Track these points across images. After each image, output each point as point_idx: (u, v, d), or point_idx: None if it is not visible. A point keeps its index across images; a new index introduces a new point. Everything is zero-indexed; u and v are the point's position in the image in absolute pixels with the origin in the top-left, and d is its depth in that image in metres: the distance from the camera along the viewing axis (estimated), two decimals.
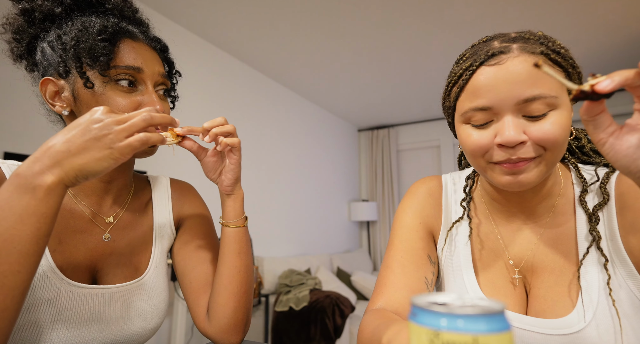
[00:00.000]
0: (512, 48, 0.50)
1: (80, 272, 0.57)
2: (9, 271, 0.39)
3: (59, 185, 0.42)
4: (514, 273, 0.58)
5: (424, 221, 0.66)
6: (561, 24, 2.46)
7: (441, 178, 0.71)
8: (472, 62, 0.52)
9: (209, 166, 0.62)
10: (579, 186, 0.59)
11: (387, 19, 2.40)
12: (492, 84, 0.49)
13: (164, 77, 0.62)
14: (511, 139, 0.48)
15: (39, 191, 0.41)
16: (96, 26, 0.55)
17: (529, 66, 0.48)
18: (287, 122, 3.48)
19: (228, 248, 0.64)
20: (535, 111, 0.48)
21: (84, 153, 0.42)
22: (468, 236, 0.63)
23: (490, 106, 0.49)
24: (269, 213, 3.10)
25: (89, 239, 0.60)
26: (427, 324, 0.23)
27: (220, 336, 0.64)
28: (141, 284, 0.62)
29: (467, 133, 0.53)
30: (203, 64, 2.63)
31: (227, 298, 0.63)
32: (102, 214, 0.63)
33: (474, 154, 0.53)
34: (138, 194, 0.70)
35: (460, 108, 0.54)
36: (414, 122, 4.63)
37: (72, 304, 0.54)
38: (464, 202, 0.65)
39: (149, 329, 0.63)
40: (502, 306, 0.23)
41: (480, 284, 0.59)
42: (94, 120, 0.44)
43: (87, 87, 0.55)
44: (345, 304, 2.42)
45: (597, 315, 0.50)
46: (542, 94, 0.47)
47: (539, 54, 0.49)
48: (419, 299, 0.25)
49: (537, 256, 0.57)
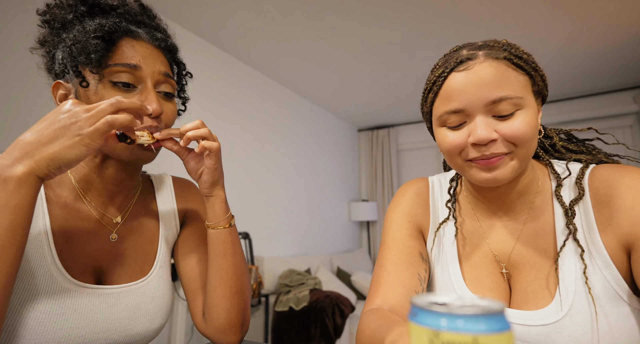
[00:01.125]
0: (478, 55, 0.54)
1: (85, 272, 0.57)
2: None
3: (30, 176, 0.42)
4: (501, 268, 0.61)
5: (413, 220, 0.69)
6: (556, 25, 2.46)
7: (428, 179, 0.75)
8: (443, 69, 0.56)
9: (189, 166, 0.62)
10: (554, 182, 0.61)
11: (388, 19, 2.40)
12: (462, 88, 0.54)
13: (167, 76, 0.60)
14: (483, 137, 0.52)
15: (9, 182, 0.41)
16: (93, 25, 0.55)
17: (494, 70, 0.52)
18: (287, 122, 3.48)
19: (212, 250, 0.64)
20: (503, 110, 0.52)
21: (53, 142, 0.43)
22: (454, 236, 0.66)
23: (462, 108, 0.54)
24: (269, 213, 3.10)
25: (96, 240, 0.60)
26: (427, 324, 0.23)
27: (217, 336, 0.64)
28: (146, 285, 0.63)
29: (444, 135, 0.57)
30: (203, 64, 2.63)
31: (218, 299, 0.63)
32: (110, 215, 0.63)
33: (451, 154, 0.57)
34: (143, 193, 0.70)
35: (435, 112, 0.58)
36: (414, 122, 4.63)
37: (77, 304, 0.54)
38: (449, 204, 0.69)
39: (153, 329, 0.63)
40: (502, 306, 0.23)
41: (465, 278, 0.62)
42: (62, 111, 0.45)
43: (82, 86, 0.55)
44: (345, 304, 2.42)
45: (574, 304, 0.52)
46: (508, 95, 0.52)
47: (502, 59, 0.53)
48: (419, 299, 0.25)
49: (518, 251, 0.60)
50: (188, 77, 0.71)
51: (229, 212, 0.64)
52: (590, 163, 0.61)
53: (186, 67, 0.70)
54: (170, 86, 0.62)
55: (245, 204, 2.82)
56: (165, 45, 0.63)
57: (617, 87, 3.52)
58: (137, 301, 0.60)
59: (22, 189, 0.42)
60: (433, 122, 0.61)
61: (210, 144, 0.57)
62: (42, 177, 0.43)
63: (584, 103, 3.66)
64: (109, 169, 0.60)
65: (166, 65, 0.62)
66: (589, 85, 3.46)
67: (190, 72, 0.72)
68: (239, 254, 0.65)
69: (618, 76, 3.29)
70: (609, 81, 3.39)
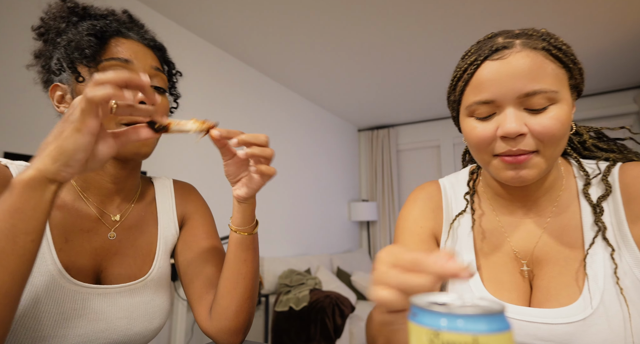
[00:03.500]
0: (515, 43, 0.52)
1: (85, 271, 0.57)
2: None
3: (36, 179, 0.40)
4: (521, 265, 0.59)
5: (425, 225, 0.67)
6: (556, 25, 2.46)
7: (439, 182, 0.72)
8: (476, 57, 0.54)
9: (229, 170, 0.58)
10: (581, 180, 0.60)
11: (388, 19, 2.40)
12: (495, 78, 0.51)
13: (158, 71, 0.62)
14: (512, 130, 0.49)
15: (16, 187, 0.40)
16: (85, 25, 0.58)
17: (531, 61, 0.50)
18: (287, 122, 3.48)
19: (234, 254, 0.63)
20: (536, 104, 0.50)
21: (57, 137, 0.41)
22: (471, 228, 0.64)
23: (493, 99, 0.51)
24: (269, 213, 3.10)
25: (95, 238, 0.60)
26: (427, 324, 0.23)
27: (220, 336, 0.64)
28: (145, 285, 0.63)
29: (471, 126, 0.55)
30: (203, 64, 2.63)
31: (229, 301, 0.63)
32: (109, 213, 0.63)
33: (478, 147, 0.55)
34: (143, 194, 0.70)
35: (465, 101, 0.56)
36: (414, 122, 4.63)
37: (76, 304, 0.54)
38: (467, 196, 0.66)
39: (152, 329, 0.63)
40: (502, 306, 0.23)
41: (483, 278, 0.60)
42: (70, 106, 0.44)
43: (79, 81, 0.56)
44: (345, 304, 2.42)
45: (604, 302, 0.50)
46: (543, 88, 0.49)
47: (540, 49, 0.51)
48: (419, 299, 0.25)
49: (541, 247, 0.58)
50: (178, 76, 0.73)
51: (255, 219, 0.64)
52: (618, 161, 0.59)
53: (175, 67, 0.72)
54: (161, 81, 0.63)
55: None
56: (154, 45, 0.65)
57: (617, 87, 3.51)
58: (135, 301, 0.60)
59: (26, 193, 0.40)
60: (460, 111, 0.58)
61: (270, 170, 0.54)
62: (51, 178, 0.41)
63: (584, 103, 3.66)
64: (108, 167, 0.61)
65: (156, 61, 0.64)
66: (589, 85, 3.46)
67: (179, 71, 0.73)
68: (256, 261, 0.66)
69: (618, 76, 3.28)
70: (609, 81, 3.39)
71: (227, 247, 0.65)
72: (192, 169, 2.45)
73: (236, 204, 0.61)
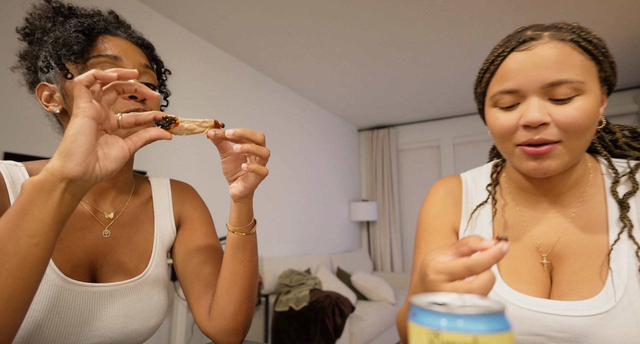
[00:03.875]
0: (543, 35, 0.52)
1: (79, 269, 0.57)
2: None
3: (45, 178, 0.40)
4: (541, 259, 0.59)
5: (445, 220, 0.68)
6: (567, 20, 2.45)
7: (460, 177, 0.72)
8: (504, 48, 0.54)
9: (226, 167, 0.59)
10: (609, 177, 0.60)
11: (388, 19, 2.40)
12: (519, 68, 0.52)
13: (147, 68, 0.63)
14: (534, 119, 0.49)
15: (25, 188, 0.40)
16: (72, 23, 0.58)
17: (558, 52, 0.50)
18: (287, 122, 3.48)
19: (231, 254, 0.63)
20: (561, 94, 0.50)
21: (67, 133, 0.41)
22: (491, 218, 0.65)
23: (517, 89, 0.52)
24: (269, 213, 3.10)
25: (89, 236, 0.60)
26: (427, 324, 0.23)
27: (220, 337, 0.64)
28: (141, 283, 0.62)
29: (495, 116, 0.55)
30: (202, 64, 2.63)
31: (228, 302, 0.63)
32: (103, 210, 0.63)
33: (501, 137, 0.55)
34: (139, 193, 0.70)
35: (489, 92, 0.57)
36: (414, 122, 4.63)
37: (71, 302, 0.53)
38: (489, 187, 0.67)
39: (149, 328, 0.63)
40: (502, 306, 0.23)
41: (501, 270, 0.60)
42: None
43: (67, 78, 0.56)
44: (345, 304, 2.42)
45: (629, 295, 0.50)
46: (569, 78, 0.49)
47: (568, 41, 0.51)
48: (419, 299, 0.25)
49: (564, 242, 0.58)
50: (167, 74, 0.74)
51: (252, 218, 0.63)
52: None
53: (164, 65, 0.72)
54: (150, 77, 0.64)
55: None
56: (142, 42, 0.65)
57: (617, 87, 3.51)
58: (132, 299, 0.60)
59: (33, 194, 0.39)
60: (485, 102, 0.59)
61: (261, 170, 0.54)
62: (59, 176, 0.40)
63: None
64: None
65: (145, 59, 0.64)
66: None
67: (168, 69, 0.74)
68: (255, 261, 0.65)
69: (618, 76, 3.28)
70: None
71: (225, 247, 0.65)
72: (191, 170, 2.45)
73: (232, 203, 0.61)
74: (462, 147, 4.34)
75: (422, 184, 4.52)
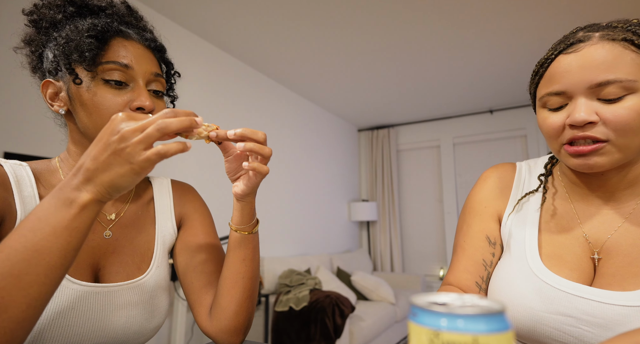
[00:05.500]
0: (593, 36, 0.52)
1: (82, 270, 0.57)
2: (35, 282, 0.39)
3: (92, 202, 0.42)
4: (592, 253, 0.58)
5: (489, 205, 0.69)
6: (571, 22, 2.46)
7: (516, 164, 0.73)
8: (552, 52, 0.56)
9: (229, 166, 0.60)
10: None
11: (388, 19, 2.40)
12: (566, 70, 0.52)
13: (157, 76, 0.62)
14: (580, 118, 0.50)
15: (74, 206, 0.42)
16: (85, 25, 0.57)
17: (606, 52, 0.50)
18: (287, 122, 3.48)
19: (233, 253, 0.63)
20: (610, 94, 0.50)
21: (109, 170, 0.42)
22: (540, 205, 0.65)
23: (563, 90, 0.53)
24: (269, 213, 3.10)
25: (91, 237, 0.60)
26: (427, 324, 0.23)
27: (220, 336, 0.64)
28: (143, 283, 0.63)
29: (544, 116, 0.57)
30: (202, 64, 2.63)
31: (229, 301, 0.63)
32: (104, 211, 0.63)
33: (549, 136, 0.57)
34: (140, 193, 0.70)
35: (538, 94, 0.58)
36: (414, 122, 4.63)
37: (73, 302, 0.54)
38: (542, 176, 0.67)
39: (151, 328, 0.63)
40: (502, 306, 0.23)
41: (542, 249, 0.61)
42: (112, 131, 0.42)
43: (76, 83, 0.56)
44: (345, 304, 2.42)
45: None
46: (618, 78, 0.49)
47: (620, 40, 0.50)
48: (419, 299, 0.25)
49: (616, 238, 0.57)
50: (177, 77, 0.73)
51: (255, 217, 0.64)
52: None
53: (174, 67, 0.71)
54: (160, 85, 0.63)
55: None
56: (155, 46, 0.64)
57: None
58: (134, 300, 0.60)
59: (84, 214, 0.42)
60: (536, 103, 0.60)
61: (261, 169, 0.55)
62: (104, 201, 0.44)
63: None
64: None
65: (156, 65, 0.63)
66: None
67: (178, 71, 0.73)
68: (256, 260, 0.65)
69: None
70: None
71: (227, 246, 0.65)
72: (192, 170, 2.45)
73: (235, 202, 0.62)
74: (462, 147, 4.34)
75: (422, 184, 4.52)
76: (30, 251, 0.39)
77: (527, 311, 0.56)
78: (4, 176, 0.54)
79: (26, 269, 0.39)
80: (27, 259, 0.39)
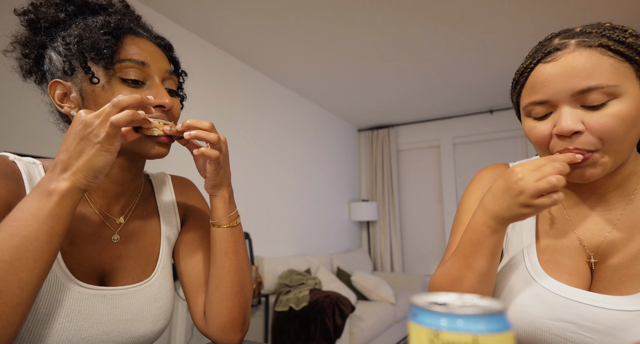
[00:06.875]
0: (569, 44, 0.52)
1: (89, 274, 0.57)
2: (25, 267, 0.42)
3: (72, 189, 0.46)
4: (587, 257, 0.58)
5: None
6: (571, 23, 2.46)
7: (509, 165, 0.73)
8: (531, 60, 0.56)
9: (197, 164, 0.61)
10: None
11: (388, 19, 2.40)
12: (546, 79, 0.52)
13: (171, 74, 0.62)
14: (566, 128, 0.50)
15: (54, 195, 0.45)
16: (98, 22, 0.56)
17: (584, 59, 0.50)
18: (287, 122, 3.48)
19: (215, 248, 0.64)
20: (593, 100, 0.49)
21: (82, 155, 0.46)
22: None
23: (546, 99, 0.53)
24: (269, 213, 3.10)
25: (99, 241, 0.60)
26: (427, 324, 0.23)
27: (218, 336, 0.64)
28: (149, 286, 0.62)
29: (530, 126, 0.57)
30: (202, 65, 2.63)
31: (219, 297, 0.63)
32: (113, 216, 0.63)
33: (539, 146, 0.57)
34: (144, 194, 0.70)
35: (522, 103, 0.58)
36: (414, 122, 4.63)
37: (80, 306, 0.53)
38: None
39: (156, 331, 0.62)
40: (502, 306, 0.23)
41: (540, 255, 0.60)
42: (77, 123, 0.47)
43: (93, 82, 0.54)
44: (345, 304, 2.42)
45: None
46: (599, 84, 0.49)
47: (596, 46, 0.50)
48: (419, 299, 0.25)
49: (609, 241, 0.57)
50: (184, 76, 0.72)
51: (232, 211, 0.63)
52: None
53: (180, 66, 0.70)
54: (173, 83, 0.63)
55: (245, 204, 2.82)
56: (164, 44, 0.64)
57: None
58: (140, 303, 0.60)
59: (64, 201, 0.45)
60: (520, 111, 0.60)
61: (210, 152, 0.56)
62: (83, 188, 0.47)
63: None
64: (114, 168, 0.59)
65: (168, 63, 0.63)
66: None
67: (184, 70, 0.72)
68: (241, 253, 0.65)
69: None
70: None
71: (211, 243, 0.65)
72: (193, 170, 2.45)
73: (210, 197, 0.63)
74: (462, 147, 4.34)
75: (422, 184, 4.52)
76: (18, 238, 0.42)
77: (528, 317, 0.56)
78: (18, 173, 0.54)
79: (17, 254, 0.42)
80: (16, 245, 0.42)
